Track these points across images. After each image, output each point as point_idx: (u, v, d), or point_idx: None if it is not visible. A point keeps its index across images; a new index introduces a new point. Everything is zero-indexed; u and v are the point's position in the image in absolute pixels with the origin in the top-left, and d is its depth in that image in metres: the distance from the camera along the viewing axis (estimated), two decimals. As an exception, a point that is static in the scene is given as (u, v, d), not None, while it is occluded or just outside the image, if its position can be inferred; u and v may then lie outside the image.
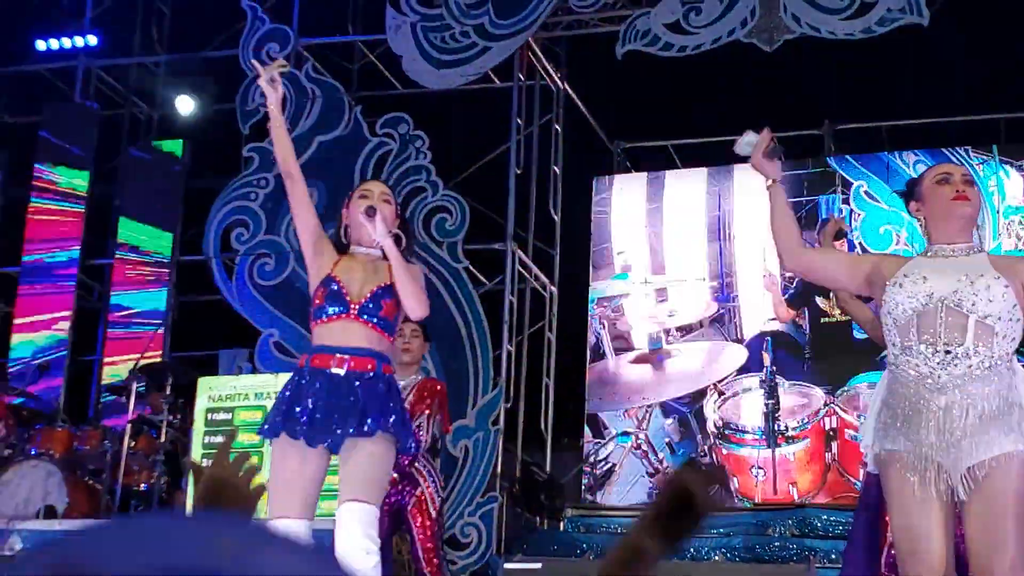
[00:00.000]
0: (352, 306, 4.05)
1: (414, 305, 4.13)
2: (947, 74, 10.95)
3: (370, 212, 4.07)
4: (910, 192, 3.74)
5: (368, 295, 4.08)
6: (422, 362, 6.38)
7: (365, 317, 4.06)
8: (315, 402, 3.95)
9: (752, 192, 10.25)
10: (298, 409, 3.95)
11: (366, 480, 3.92)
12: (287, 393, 4.02)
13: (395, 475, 5.06)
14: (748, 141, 4.01)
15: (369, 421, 3.92)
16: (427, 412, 5.75)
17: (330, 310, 4.05)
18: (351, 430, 3.92)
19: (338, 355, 4.01)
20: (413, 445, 4.19)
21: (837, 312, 10.31)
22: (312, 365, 4.03)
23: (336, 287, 4.07)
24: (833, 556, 8.44)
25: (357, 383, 3.98)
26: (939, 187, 3.65)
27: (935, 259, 3.61)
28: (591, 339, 11.67)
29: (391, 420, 3.97)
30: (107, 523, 0.80)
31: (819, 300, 10.88)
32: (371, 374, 4.01)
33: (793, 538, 8.84)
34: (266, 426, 4.04)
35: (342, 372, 3.99)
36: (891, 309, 3.57)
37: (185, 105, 11.51)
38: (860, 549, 4.53)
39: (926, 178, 3.70)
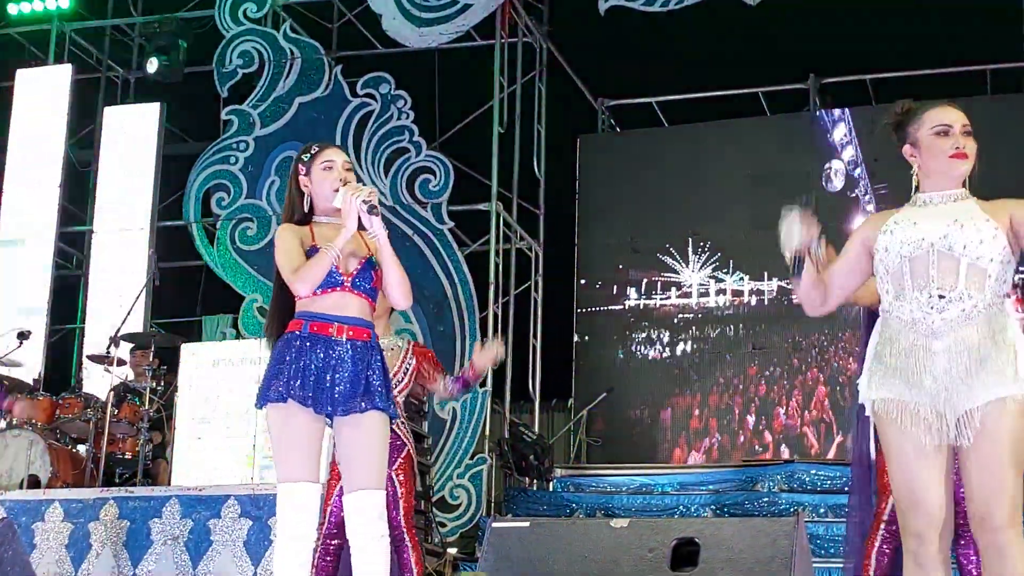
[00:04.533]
0: (345, 278, 4.08)
1: (400, 298, 4.15)
2: (933, 26, 10.85)
3: (373, 211, 4.04)
4: (902, 130, 3.61)
5: (358, 267, 4.11)
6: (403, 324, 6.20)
7: (357, 289, 4.10)
8: (320, 370, 4.00)
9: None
10: (303, 376, 3.99)
11: (371, 465, 3.99)
12: (286, 358, 4.02)
13: None
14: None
15: (376, 400, 4.00)
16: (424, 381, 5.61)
17: (323, 283, 4.05)
18: (358, 405, 3.99)
19: (337, 324, 4.05)
20: (396, 412, 4.24)
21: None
22: (311, 332, 4.05)
23: None
24: (822, 510, 8.47)
25: (356, 352, 4.04)
26: (938, 139, 3.52)
27: (924, 208, 3.54)
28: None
29: (388, 398, 4.06)
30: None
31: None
32: (368, 343, 4.07)
33: (782, 493, 8.87)
34: (271, 392, 4.02)
35: (343, 339, 4.04)
36: (883, 257, 3.51)
37: (153, 65, 11.33)
38: (861, 506, 4.64)
39: (924, 124, 3.54)
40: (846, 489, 6.32)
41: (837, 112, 11.59)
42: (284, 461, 3.97)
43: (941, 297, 3.41)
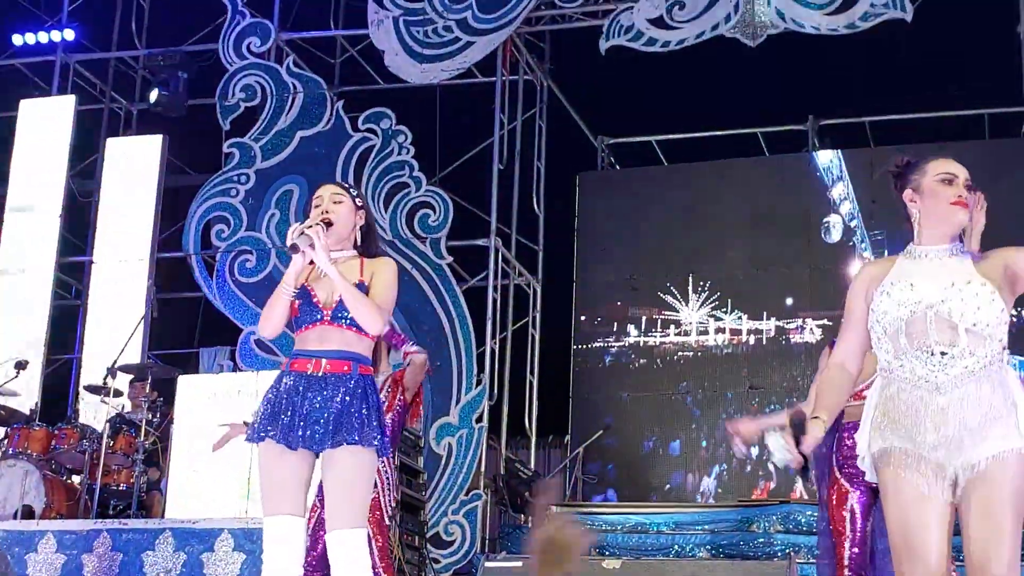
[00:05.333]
0: (324, 312, 4.11)
1: (367, 323, 4.12)
2: (931, 70, 10.93)
3: (293, 250, 4.08)
4: (905, 177, 3.62)
5: (338, 299, 4.12)
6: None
7: (338, 321, 4.12)
8: (295, 406, 4.04)
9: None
10: (279, 414, 4.05)
11: (352, 502, 4.01)
12: (269, 397, 4.11)
13: None
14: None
15: (349, 434, 4.00)
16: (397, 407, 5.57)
17: (306, 319, 4.13)
18: (329, 440, 4.00)
19: (315, 359, 4.09)
20: (388, 447, 4.20)
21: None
22: (292, 369, 4.10)
23: (308, 295, 4.14)
24: (817, 552, 8.43)
25: (335, 386, 4.05)
26: (942, 187, 3.55)
27: (920, 262, 3.55)
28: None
29: (370, 430, 4.03)
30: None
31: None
32: (348, 375, 4.07)
33: (777, 534, 8.83)
34: (253, 430, 4.12)
35: (320, 375, 4.07)
36: (880, 318, 3.51)
37: (154, 97, 11.42)
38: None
39: (928, 172, 3.57)
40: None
41: (836, 171, 11.60)
42: (266, 495, 4.06)
43: (943, 354, 3.41)
